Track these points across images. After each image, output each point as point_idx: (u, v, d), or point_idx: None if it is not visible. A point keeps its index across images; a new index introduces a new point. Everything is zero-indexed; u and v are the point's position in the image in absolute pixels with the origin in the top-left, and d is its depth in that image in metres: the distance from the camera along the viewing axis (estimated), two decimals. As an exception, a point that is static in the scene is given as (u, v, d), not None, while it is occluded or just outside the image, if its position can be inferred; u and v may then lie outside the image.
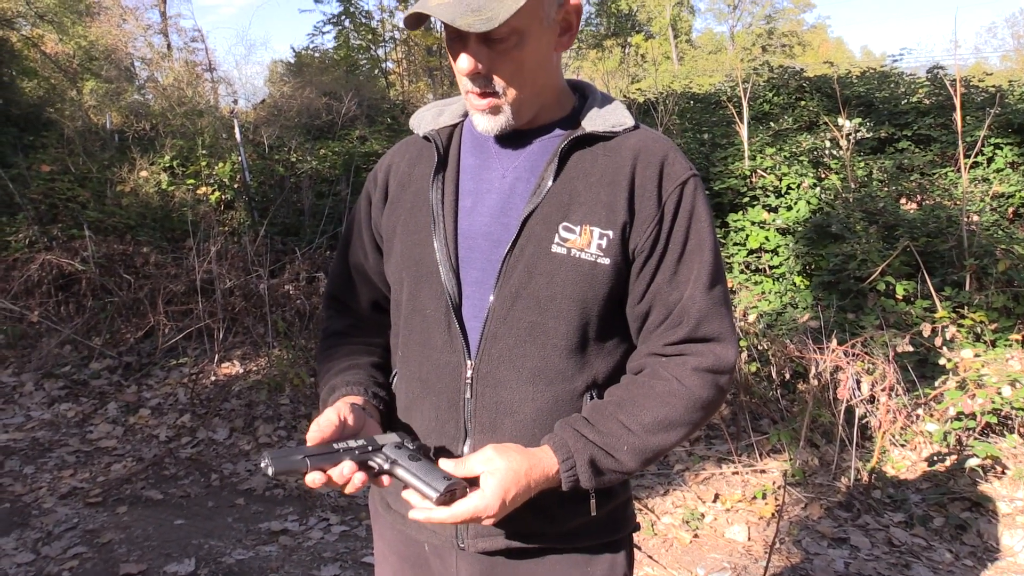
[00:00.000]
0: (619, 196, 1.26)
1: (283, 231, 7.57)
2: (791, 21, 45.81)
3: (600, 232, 1.25)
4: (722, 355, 1.27)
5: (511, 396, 1.27)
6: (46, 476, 4.13)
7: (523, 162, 1.32)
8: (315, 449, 1.12)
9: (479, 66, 1.20)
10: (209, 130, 9.48)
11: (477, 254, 1.30)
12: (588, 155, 1.29)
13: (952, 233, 5.63)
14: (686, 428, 1.25)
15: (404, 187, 1.41)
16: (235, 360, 5.55)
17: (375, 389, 1.38)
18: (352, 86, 12.80)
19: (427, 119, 1.43)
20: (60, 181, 7.76)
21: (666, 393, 1.24)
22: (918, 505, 3.66)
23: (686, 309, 1.26)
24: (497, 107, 1.25)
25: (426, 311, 1.33)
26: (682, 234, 1.27)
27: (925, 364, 4.59)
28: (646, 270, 1.27)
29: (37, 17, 16.53)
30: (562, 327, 1.25)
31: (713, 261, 1.28)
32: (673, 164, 1.28)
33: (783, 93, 10.05)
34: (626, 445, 1.22)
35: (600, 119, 1.31)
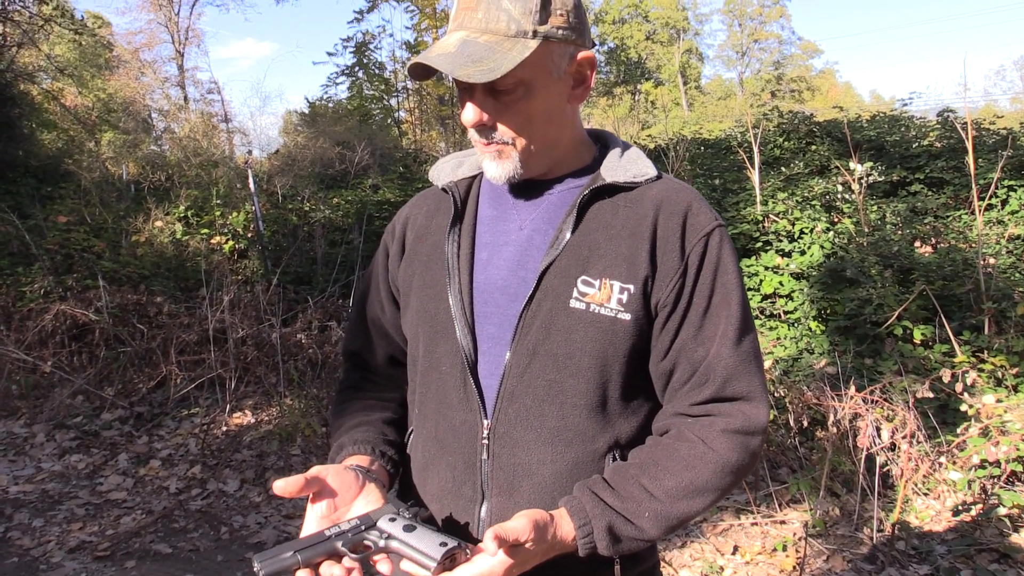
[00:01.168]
0: (641, 249, 1.21)
1: (296, 280, 7.59)
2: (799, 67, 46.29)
3: (620, 286, 1.20)
4: (752, 415, 1.20)
5: (529, 457, 1.22)
6: (55, 529, 4.08)
7: (541, 213, 1.29)
8: (306, 541, 1.08)
9: (483, 117, 1.19)
10: (224, 180, 9.60)
11: (493, 309, 1.26)
12: (608, 206, 1.25)
13: (969, 276, 5.58)
14: (714, 494, 1.19)
15: (421, 240, 1.38)
16: (247, 410, 5.52)
17: (383, 448, 1.33)
18: (365, 136, 12.96)
19: (446, 171, 1.41)
20: (76, 232, 7.85)
21: (692, 456, 1.17)
22: (944, 557, 3.55)
23: (712, 367, 1.20)
24: (503, 153, 1.22)
25: (442, 368, 1.28)
26: (707, 287, 1.22)
27: (946, 410, 4.50)
28: (670, 325, 1.22)
29: (58, 71, 16.88)
30: (581, 385, 1.20)
31: (741, 315, 1.22)
32: (697, 215, 1.24)
33: (793, 138, 10.10)
34: (648, 511, 1.15)
35: (621, 169, 1.27)
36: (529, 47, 1.14)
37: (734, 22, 48.39)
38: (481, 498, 1.25)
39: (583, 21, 1.23)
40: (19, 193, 10.12)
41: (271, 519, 4.22)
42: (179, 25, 27.80)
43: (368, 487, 1.20)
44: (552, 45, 1.18)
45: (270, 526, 4.13)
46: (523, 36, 1.15)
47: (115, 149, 15.05)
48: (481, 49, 1.14)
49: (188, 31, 28.07)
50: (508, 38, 1.15)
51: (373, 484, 1.22)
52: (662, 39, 43.03)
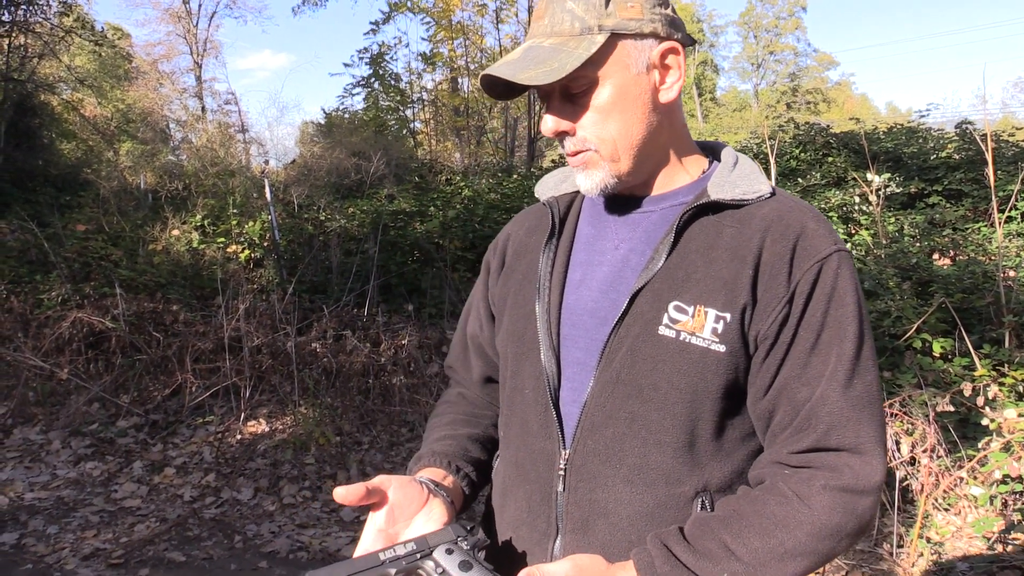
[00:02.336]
0: (742, 274, 1.09)
1: (311, 289, 7.61)
2: (815, 78, 46.20)
3: (716, 314, 1.09)
4: (861, 472, 1.04)
5: (606, 495, 1.13)
6: (69, 536, 4.09)
7: (640, 233, 1.20)
8: (359, 564, 1.03)
9: (561, 124, 1.13)
10: (240, 190, 9.65)
11: (581, 332, 1.18)
12: (712, 226, 1.14)
13: (989, 289, 5.52)
14: (809, 559, 1.03)
15: (519, 256, 1.32)
16: (261, 418, 5.52)
17: (460, 463, 1.27)
18: (381, 146, 13.01)
19: (550, 185, 1.35)
20: (94, 240, 7.90)
21: (785, 514, 1.04)
22: (965, 574, 3.50)
23: (815, 410, 1.06)
24: (589, 163, 1.15)
25: (525, 391, 1.22)
26: (817, 320, 1.08)
27: (966, 424, 4.44)
28: (770, 361, 1.09)
29: (77, 82, 17.10)
30: (667, 421, 1.10)
31: (855, 354, 1.07)
32: (812, 238, 1.10)
33: (810, 149, 10.05)
34: (727, 572, 1.03)
35: (729, 185, 1.16)
36: (596, 43, 1.07)
37: (749, 34, 48.38)
38: (555, 532, 1.18)
39: (666, 11, 1.14)
40: (38, 202, 10.22)
41: (285, 528, 4.21)
42: (197, 37, 28.09)
43: (432, 502, 1.14)
44: (625, 39, 1.10)
45: (284, 535, 4.12)
46: (588, 33, 1.08)
47: (133, 159, 15.19)
48: (545, 52, 1.08)
49: (206, 43, 28.36)
50: (573, 37, 1.09)
51: (439, 499, 1.16)
52: (677, 51, 42.94)
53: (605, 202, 1.26)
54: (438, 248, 8.13)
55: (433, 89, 21.81)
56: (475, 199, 9.58)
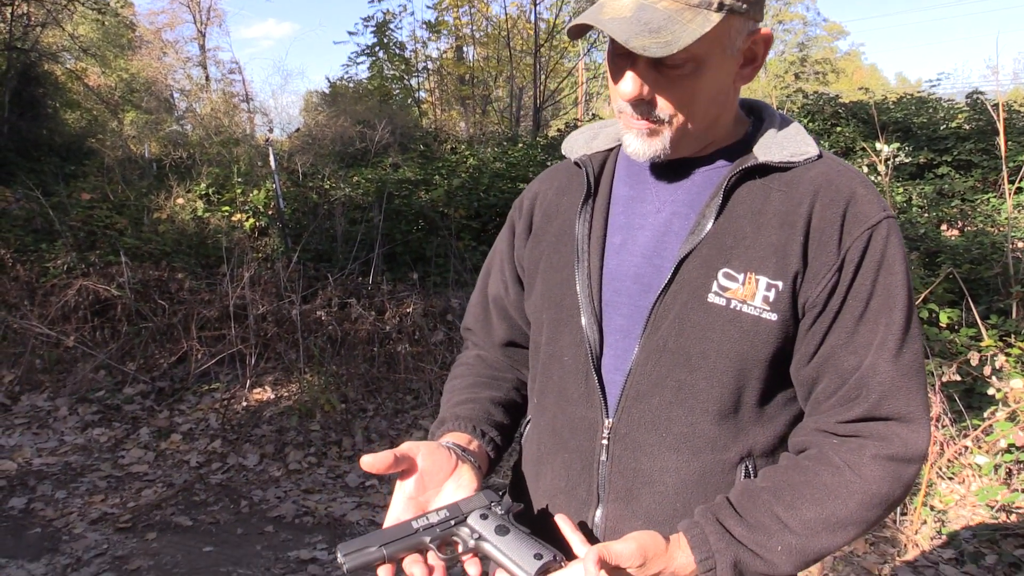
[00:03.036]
0: (793, 240, 1.07)
1: (316, 257, 7.60)
2: (824, 48, 45.70)
3: (768, 282, 1.07)
4: (910, 440, 1.05)
5: (652, 464, 1.12)
6: (77, 501, 4.12)
7: (683, 195, 1.16)
8: (392, 534, 1.03)
9: (644, 91, 1.05)
10: (244, 158, 9.62)
11: (624, 298, 1.15)
12: (759, 190, 1.11)
13: (997, 260, 5.49)
14: (858, 528, 1.05)
15: (550, 218, 1.27)
16: (266, 386, 5.54)
17: (485, 427, 1.25)
18: (385, 115, 12.92)
19: (579, 143, 1.29)
20: (99, 209, 7.90)
21: (837, 484, 1.04)
22: (969, 541, 3.51)
23: (865, 380, 1.05)
24: (656, 132, 1.09)
25: (564, 358, 1.19)
26: (867, 288, 1.06)
27: (972, 394, 4.44)
28: (817, 327, 1.08)
29: (81, 51, 16.99)
30: (715, 390, 1.09)
31: (905, 323, 1.06)
32: (862, 203, 1.08)
33: (818, 119, 9.96)
34: (781, 544, 1.02)
35: (776, 147, 1.12)
36: (711, 20, 1.00)
37: (758, 3, 47.69)
38: (596, 501, 1.17)
39: None
40: (43, 171, 10.20)
41: (290, 493, 4.24)
42: (201, 5, 27.83)
43: (461, 468, 1.14)
44: (732, 19, 1.04)
45: (289, 500, 4.15)
46: (706, 7, 1.01)
47: (137, 128, 15.14)
48: (660, 17, 0.99)
49: (210, 11, 28.11)
50: (690, 7, 1.00)
51: (467, 465, 1.15)
52: (685, 20, 42.50)
53: (644, 162, 1.20)
54: (443, 217, 8.11)
55: (438, 58, 21.63)
56: (480, 168, 9.53)
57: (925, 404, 1.07)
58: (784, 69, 42.13)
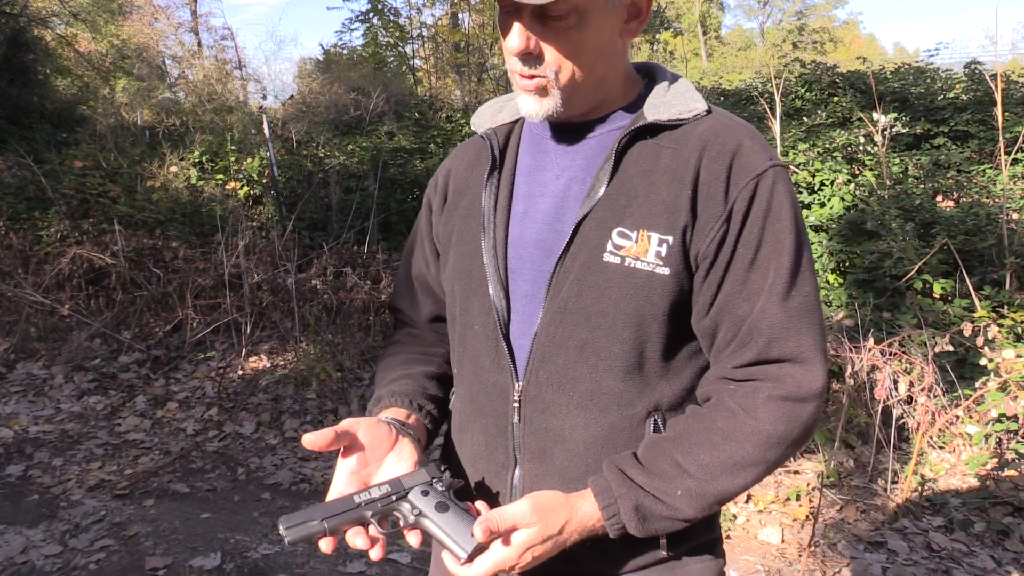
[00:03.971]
0: (682, 195, 1.09)
1: (311, 226, 7.58)
2: (822, 17, 45.34)
3: (659, 237, 1.09)
4: (803, 380, 1.07)
5: (561, 423, 1.15)
6: (74, 468, 4.15)
7: (580, 161, 1.19)
8: (334, 508, 1.05)
9: (531, 43, 1.08)
10: (238, 126, 9.54)
11: (528, 264, 1.19)
12: (651, 149, 1.14)
13: (991, 231, 5.49)
14: (758, 468, 1.07)
15: (461, 192, 1.31)
16: (262, 354, 5.55)
17: (421, 401, 1.28)
18: (380, 82, 12.81)
19: (486, 117, 1.32)
20: (92, 176, 7.84)
21: (732, 428, 1.07)
22: (958, 509, 3.55)
23: (756, 324, 1.08)
24: (545, 89, 1.11)
25: (475, 327, 1.22)
26: (755, 236, 1.09)
27: (964, 365, 4.47)
28: (711, 279, 1.10)
29: (71, 16, 16.76)
30: (616, 346, 1.11)
31: (792, 266, 1.08)
32: (748, 154, 1.10)
33: (815, 89, 9.90)
34: (680, 489, 1.07)
35: (665, 106, 1.15)
36: None
37: (757, -29, 47.25)
38: (513, 463, 1.20)
39: None
40: (35, 138, 10.10)
41: (287, 461, 4.27)
42: (192, -31, 27.39)
43: (401, 442, 1.16)
44: None
45: (286, 467, 4.18)
46: None
47: (129, 95, 14.99)
48: None
49: (201, -25, 27.68)
50: None
51: (407, 439, 1.17)
52: (682, -12, 42.16)
53: (544, 130, 1.24)
54: (438, 186, 8.07)
55: (433, 25, 21.39)
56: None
57: (818, 344, 1.09)
58: (782, 38, 41.81)
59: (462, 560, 1.04)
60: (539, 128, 1.25)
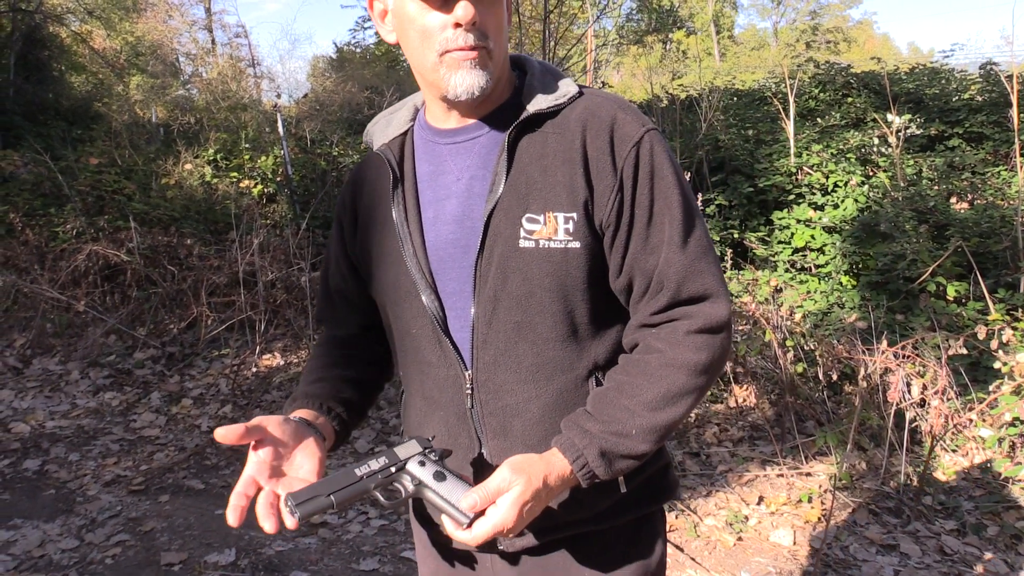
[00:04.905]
0: (576, 174, 1.20)
1: (324, 224, 7.61)
2: (836, 17, 45.11)
3: (564, 216, 1.20)
4: (712, 313, 1.20)
5: (514, 398, 1.25)
6: (91, 463, 4.19)
7: (475, 159, 1.27)
8: (338, 481, 1.10)
9: (477, 16, 1.16)
10: (252, 124, 9.58)
11: (450, 264, 1.27)
12: (538, 137, 1.23)
13: (1006, 233, 5.46)
14: (693, 395, 1.20)
15: (370, 209, 1.37)
16: (276, 352, 5.58)
17: (331, 403, 1.34)
18: (393, 81, 12.84)
19: (376, 133, 1.39)
20: (107, 173, 7.89)
21: (662, 365, 1.19)
22: (971, 513, 3.54)
23: (664, 273, 1.20)
24: (485, 61, 1.19)
25: (412, 331, 1.30)
26: (646, 197, 1.20)
27: (977, 367, 4.45)
28: (618, 242, 1.21)
29: (86, 13, 16.86)
30: (548, 320, 1.22)
31: (683, 216, 1.21)
32: (623, 125, 1.21)
33: (829, 89, 9.85)
34: (634, 428, 1.17)
35: (540, 96, 1.25)
36: None
37: (770, -30, 47.01)
38: (479, 444, 1.29)
39: None
40: (50, 135, 10.17)
41: (300, 459, 4.29)
42: (206, -33, 27.49)
43: (307, 440, 1.21)
44: None
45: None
46: None
47: (144, 92, 15.06)
48: None
49: (215, -27, 27.77)
50: None
51: (312, 438, 1.22)
52: (695, -13, 42.00)
53: (435, 136, 1.31)
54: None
55: None
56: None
57: (718, 279, 1.22)
58: (795, 38, 41.63)
59: (464, 525, 1.09)
60: (430, 135, 1.32)
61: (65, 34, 15.86)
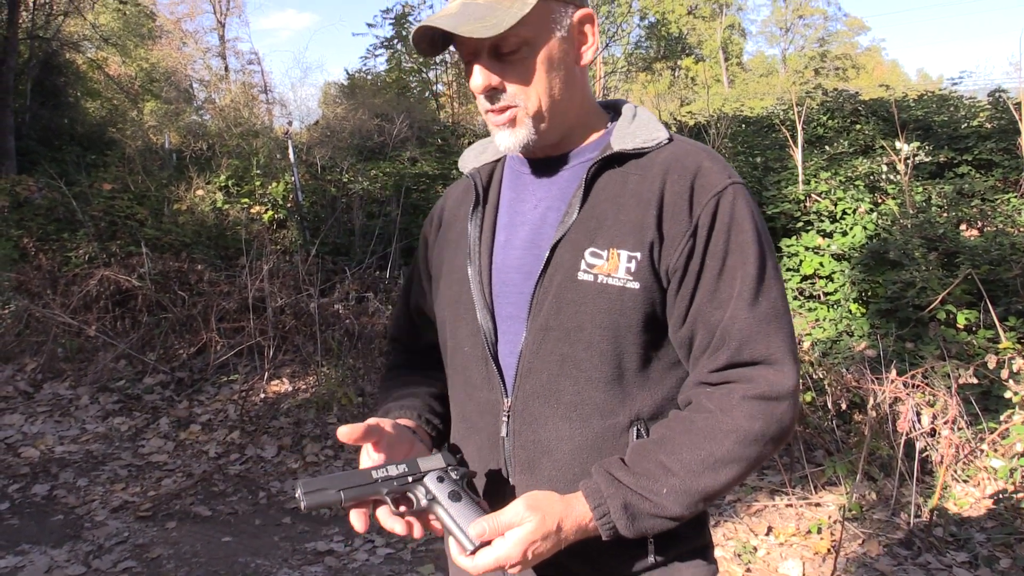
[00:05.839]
0: (648, 214, 1.18)
1: (334, 251, 7.65)
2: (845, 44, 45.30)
3: (628, 254, 1.18)
4: (775, 380, 1.14)
5: (548, 434, 1.22)
6: (99, 489, 4.19)
7: (555, 191, 1.29)
8: (352, 479, 1.10)
9: (492, 79, 1.19)
10: (264, 150, 9.67)
11: (510, 288, 1.27)
12: (618, 176, 1.23)
13: (1016, 261, 5.45)
14: (739, 465, 1.13)
15: (449, 226, 1.41)
16: (284, 378, 5.59)
17: (428, 416, 1.36)
18: (403, 108, 12.95)
19: (470, 158, 1.43)
20: (120, 199, 7.97)
21: (710, 427, 1.13)
22: (983, 545, 3.51)
23: (727, 330, 1.15)
24: (515, 120, 1.22)
25: (464, 349, 1.30)
26: (721, 248, 1.17)
27: (988, 397, 4.42)
28: (683, 291, 1.18)
29: (102, 40, 17.10)
30: (595, 358, 1.19)
31: (758, 274, 1.16)
32: (708, 174, 1.20)
33: (838, 116, 9.89)
34: (666, 487, 1.12)
35: (630, 136, 1.25)
36: (528, 4, 1.14)
37: (779, -3, 47.34)
38: (507, 476, 1.26)
39: None
40: (64, 160, 10.31)
41: (308, 485, 4.28)
42: (220, -5, 27.88)
43: (418, 446, 1.25)
44: (551, 3, 1.19)
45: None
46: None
47: (157, 118, 15.25)
48: (482, 9, 1.15)
49: (229, 1, 28.19)
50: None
51: (420, 445, 1.26)
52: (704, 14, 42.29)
53: (522, 166, 1.34)
54: (460, 211, 8.11)
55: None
56: (497, 163, 9.52)
57: (787, 346, 1.16)
58: (804, 64, 41.82)
59: (467, 552, 1.08)
60: (518, 164, 1.35)
61: (81, 61, 16.10)
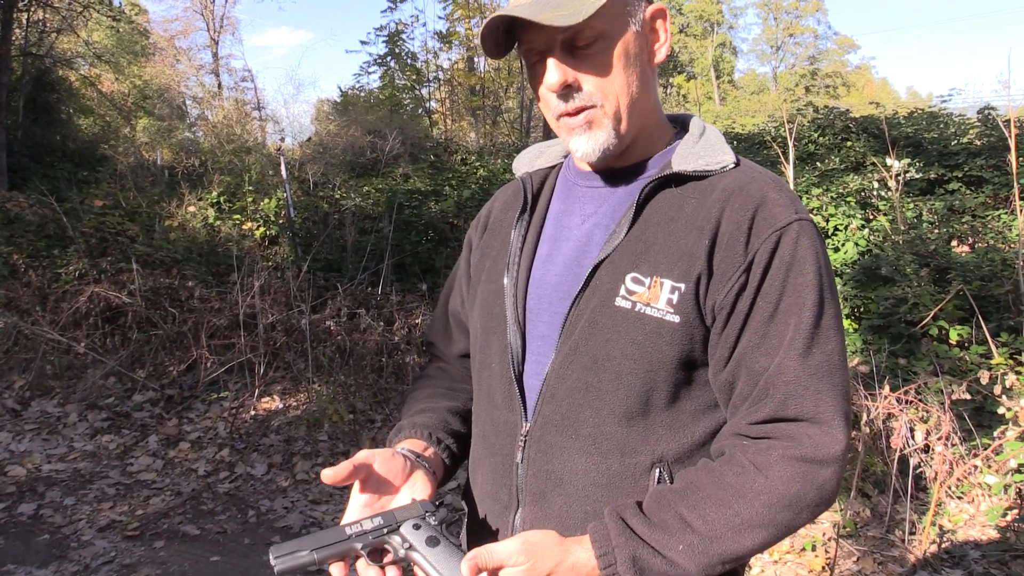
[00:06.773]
0: (699, 245, 1.08)
1: (326, 267, 7.62)
2: (835, 62, 45.70)
3: (672, 285, 1.07)
4: (821, 441, 1.01)
5: (562, 466, 1.14)
6: (86, 508, 4.14)
7: (606, 207, 1.19)
8: (325, 539, 1.06)
9: (568, 75, 1.09)
10: (256, 167, 9.67)
11: (545, 306, 1.19)
12: (675, 198, 1.13)
13: (1007, 277, 5.46)
14: (767, 531, 1.01)
15: (494, 231, 1.33)
16: (275, 395, 5.55)
17: (441, 435, 1.28)
18: (396, 125, 12.98)
19: (524, 161, 1.36)
20: (111, 215, 7.94)
21: (742, 485, 1.02)
22: (978, 562, 3.49)
23: (773, 380, 1.04)
24: (594, 121, 1.12)
25: (492, 365, 1.23)
26: (776, 289, 1.05)
27: (981, 413, 4.41)
28: (729, 331, 1.07)
29: (95, 57, 17.11)
30: (620, 391, 1.09)
31: (814, 322, 1.04)
32: (772, 207, 1.08)
33: (829, 133, 9.96)
34: (683, 544, 1.01)
35: (693, 156, 1.15)
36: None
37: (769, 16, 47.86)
38: (516, 505, 1.19)
39: None
40: (56, 176, 10.28)
41: (298, 504, 4.25)
42: (214, 13, 28.02)
43: (416, 474, 1.17)
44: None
45: (297, 511, 4.15)
46: None
47: (150, 135, 15.25)
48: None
49: (223, 19, 28.29)
50: None
51: (421, 471, 1.18)
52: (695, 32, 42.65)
53: (577, 177, 1.25)
54: (452, 228, 8.12)
55: (449, 68, 21.72)
56: (490, 179, 9.55)
57: (839, 405, 1.04)
58: (795, 82, 42.14)
59: None
60: (573, 175, 1.26)
61: (74, 77, 16.11)
